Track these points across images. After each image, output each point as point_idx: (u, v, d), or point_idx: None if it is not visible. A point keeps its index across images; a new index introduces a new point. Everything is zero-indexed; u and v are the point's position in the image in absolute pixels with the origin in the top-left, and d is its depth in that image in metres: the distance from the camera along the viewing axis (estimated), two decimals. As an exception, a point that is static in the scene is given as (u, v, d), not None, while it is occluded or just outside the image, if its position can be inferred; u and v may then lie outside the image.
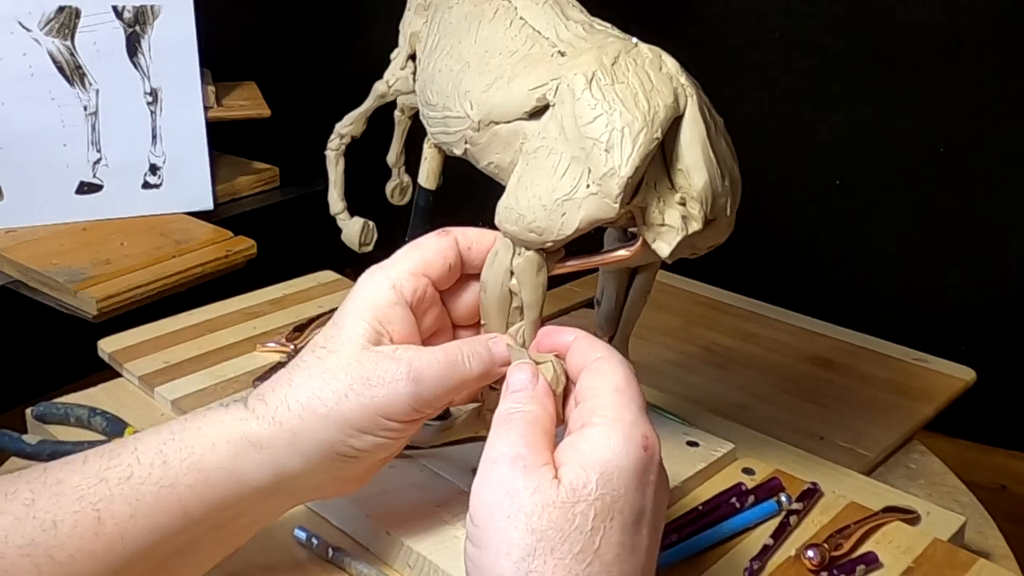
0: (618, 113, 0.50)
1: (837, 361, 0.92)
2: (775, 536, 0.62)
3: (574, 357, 0.52)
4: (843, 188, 1.29)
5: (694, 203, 0.52)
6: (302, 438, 0.52)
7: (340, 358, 0.52)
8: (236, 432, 0.52)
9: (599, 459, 0.45)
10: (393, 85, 0.80)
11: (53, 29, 1.18)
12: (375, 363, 0.52)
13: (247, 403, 0.53)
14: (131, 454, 0.51)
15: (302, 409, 0.51)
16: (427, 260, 0.56)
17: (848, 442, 0.79)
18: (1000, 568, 0.62)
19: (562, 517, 0.43)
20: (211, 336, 0.89)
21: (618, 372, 0.49)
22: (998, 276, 1.22)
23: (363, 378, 0.51)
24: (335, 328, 0.54)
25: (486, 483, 0.46)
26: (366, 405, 0.51)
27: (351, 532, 0.64)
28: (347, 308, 0.55)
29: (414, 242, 0.57)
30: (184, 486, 0.50)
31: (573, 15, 0.59)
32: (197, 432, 0.52)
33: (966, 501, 0.77)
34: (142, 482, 0.50)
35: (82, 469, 0.50)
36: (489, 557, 0.44)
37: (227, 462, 0.51)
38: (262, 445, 0.52)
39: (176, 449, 0.51)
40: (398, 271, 0.55)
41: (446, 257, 0.56)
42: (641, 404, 0.48)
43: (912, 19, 1.20)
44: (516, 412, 0.48)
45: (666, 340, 0.95)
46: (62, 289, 1.08)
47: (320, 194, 0.89)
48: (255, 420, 0.52)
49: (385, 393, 0.51)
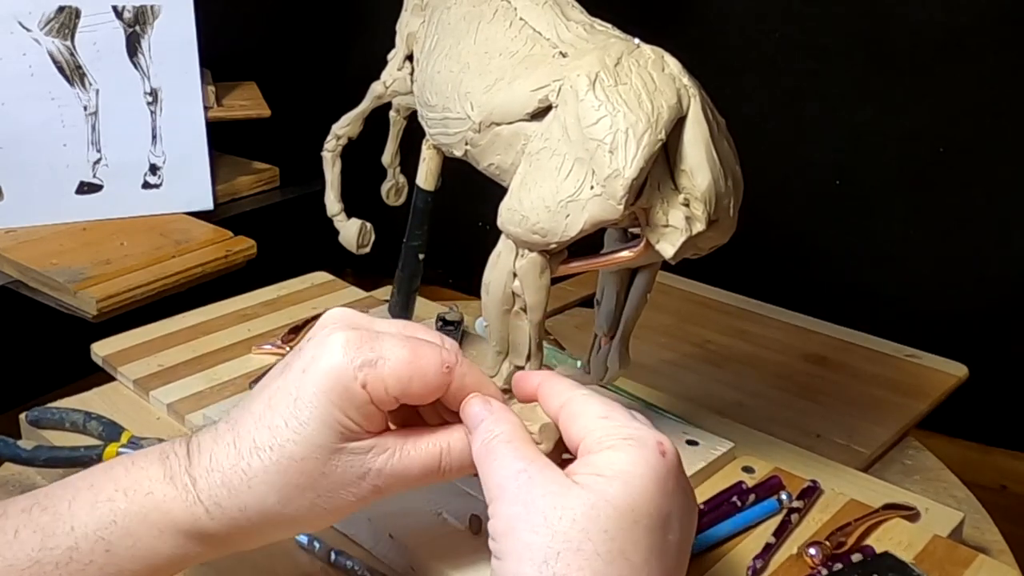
0: (622, 114, 0.50)
1: (831, 358, 0.93)
2: (777, 534, 0.62)
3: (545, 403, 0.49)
4: (843, 188, 1.29)
5: (698, 204, 0.52)
6: (259, 540, 0.51)
7: (305, 469, 0.47)
8: (188, 527, 0.49)
9: (617, 469, 0.44)
10: (390, 86, 0.80)
11: (53, 29, 1.18)
12: (341, 476, 0.48)
13: (198, 490, 0.48)
14: (68, 535, 0.48)
15: (263, 519, 0.49)
16: (410, 389, 0.48)
17: (844, 439, 0.80)
18: (1000, 563, 0.63)
19: (585, 516, 0.42)
20: (205, 339, 0.89)
21: (592, 403, 0.47)
22: (998, 276, 1.22)
23: (327, 490, 0.48)
24: (295, 423, 0.47)
25: (498, 503, 0.45)
26: (330, 511, 0.49)
27: (353, 535, 0.63)
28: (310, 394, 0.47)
29: (414, 352, 0.48)
30: (129, 572, 0.48)
31: (573, 16, 0.59)
32: (144, 520, 0.48)
33: (962, 497, 0.77)
34: (82, 569, 0.47)
35: (13, 546, 0.47)
36: (512, 566, 0.43)
37: (175, 551, 0.49)
38: (218, 543, 0.50)
39: (120, 536, 0.48)
40: (377, 376, 0.47)
41: (426, 397, 0.49)
42: (631, 417, 0.47)
43: (912, 19, 1.20)
44: (492, 439, 0.47)
45: (661, 339, 0.95)
46: (62, 289, 1.08)
47: (320, 194, 0.89)
48: (211, 522, 0.49)
49: (347, 503, 0.49)
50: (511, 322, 0.57)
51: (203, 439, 0.50)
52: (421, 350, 0.48)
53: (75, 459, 0.70)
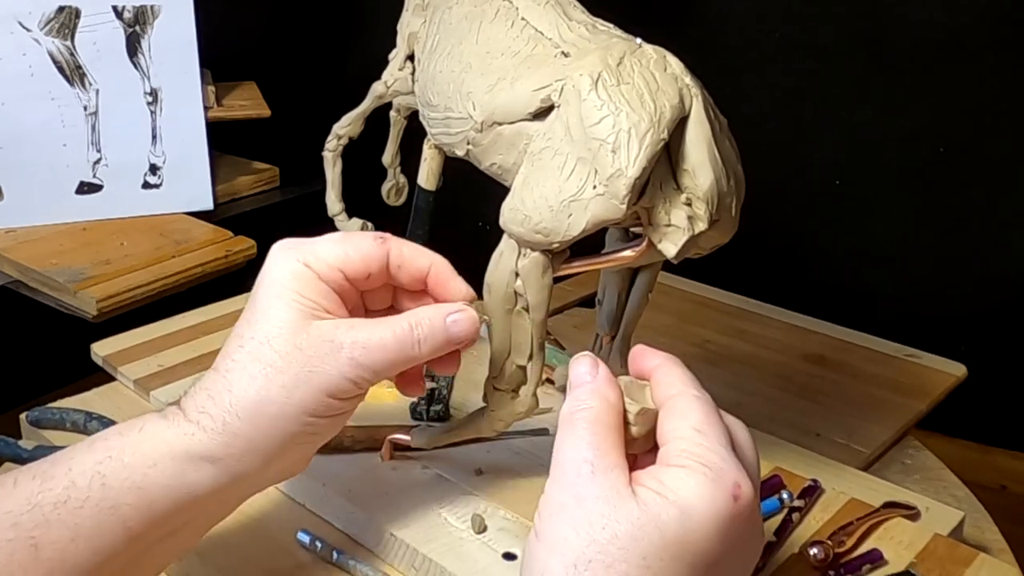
0: (624, 114, 0.50)
1: (830, 358, 0.93)
2: (778, 533, 0.63)
3: (655, 389, 0.48)
4: (843, 188, 1.29)
5: (700, 203, 0.52)
6: (258, 442, 0.50)
7: (276, 347, 0.50)
8: (181, 448, 0.50)
9: (680, 496, 0.42)
10: (392, 86, 0.80)
11: (53, 29, 1.18)
12: (315, 348, 0.50)
13: (187, 414, 0.50)
14: (65, 476, 0.48)
15: (252, 414, 0.49)
16: (348, 258, 0.52)
17: (844, 438, 0.80)
18: (1001, 562, 0.63)
19: (627, 535, 0.41)
20: (205, 339, 0.89)
21: (696, 409, 0.45)
22: (998, 276, 1.22)
23: (306, 364, 0.49)
24: (259, 314, 0.51)
25: (554, 483, 0.44)
26: (315, 390, 0.50)
27: (354, 535, 0.63)
28: (265, 290, 0.51)
29: (345, 235, 0.54)
30: (127, 506, 0.49)
31: (575, 16, 0.59)
32: (136, 450, 0.49)
33: (962, 496, 0.78)
34: (80, 506, 0.48)
35: (13, 493, 0.48)
36: (543, 551, 0.43)
37: (172, 479, 0.49)
38: (216, 458, 0.50)
39: (115, 469, 0.49)
40: (315, 255, 0.52)
41: (368, 265, 0.53)
42: (726, 443, 0.45)
43: (912, 19, 1.20)
44: (578, 411, 0.46)
45: (659, 338, 0.94)
46: (62, 289, 1.08)
47: (320, 194, 0.89)
48: (203, 434, 0.50)
49: (328, 379, 0.50)
50: (513, 321, 0.57)
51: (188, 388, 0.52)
52: (352, 234, 0.54)
53: (76, 459, 0.70)
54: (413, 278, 0.55)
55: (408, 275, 0.54)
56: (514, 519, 0.62)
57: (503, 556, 0.59)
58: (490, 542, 0.60)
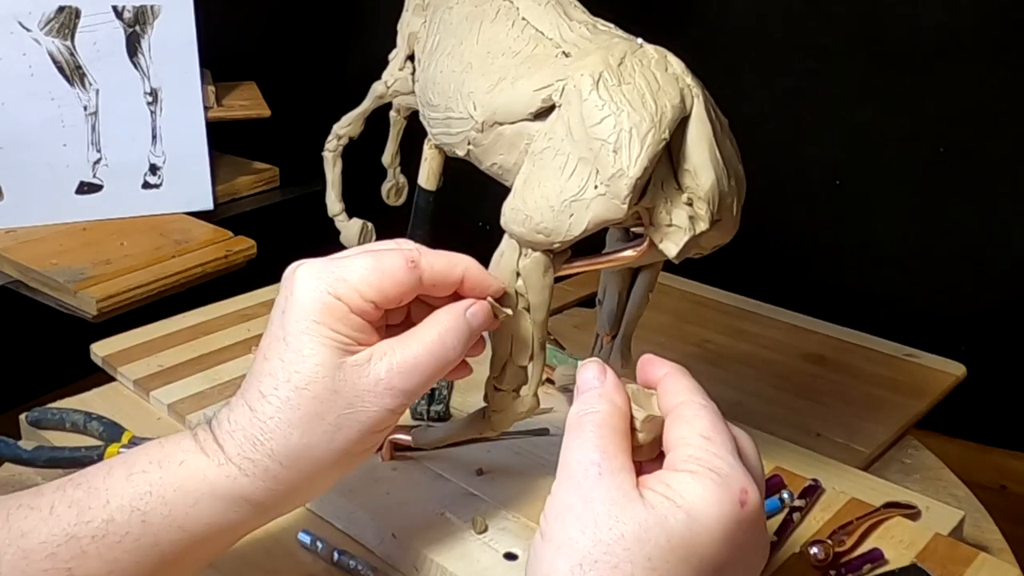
0: (626, 114, 0.50)
1: (829, 357, 0.93)
2: (779, 533, 0.63)
3: (662, 397, 0.49)
4: (843, 188, 1.29)
5: (701, 203, 0.52)
6: (301, 485, 0.50)
7: (314, 391, 0.49)
8: (224, 490, 0.49)
9: (687, 500, 0.42)
10: (392, 86, 0.80)
11: (53, 29, 1.18)
12: (352, 387, 0.49)
13: (226, 452, 0.49)
14: (103, 508, 0.48)
15: (295, 461, 0.49)
16: (383, 289, 0.50)
17: (844, 438, 0.80)
18: (1001, 561, 0.63)
19: (633, 536, 0.41)
20: (205, 339, 0.89)
21: (703, 417, 0.46)
22: (998, 276, 1.22)
23: (346, 406, 0.49)
24: (292, 353, 0.49)
25: (561, 485, 0.45)
26: (357, 430, 0.49)
27: (355, 535, 0.63)
28: (295, 324, 0.50)
29: (375, 259, 0.51)
30: (167, 543, 0.49)
31: (576, 16, 0.59)
32: (179, 487, 0.49)
33: (961, 495, 0.78)
34: (118, 540, 0.47)
35: (48, 521, 0.48)
36: (550, 551, 0.43)
37: (214, 518, 0.49)
38: (259, 502, 0.50)
39: (155, 506, 0.48)
40: (346, 285, 0.50)
41: (402, 294, 0.51)
42: (733, 450, 0.45)
43: (912, 19, 1.20)
44: (586, 415, 0.46)
45: (658, 338, 0.95)
46: (62, 289, 1.08)
47: (320, 194, 0.89)
48: (246, 479, 0.49)
49: (369, 415, 0.49)
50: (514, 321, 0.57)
51: (220, 414, 0.51)
52: (382, 255, 0.51)
53: (76, 460, 0.70)
54: (447, 292, 0.54)
55: (442, 291, 0.53)
56: (515, 519, 0.62)
57: (504, 556, 0.59)
58: (491, 542, 0.60)
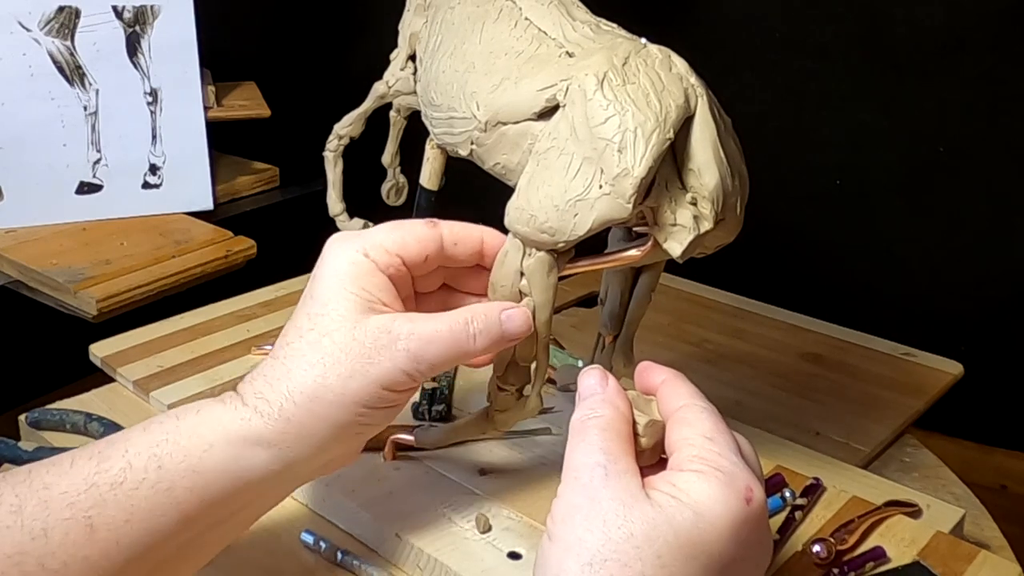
0: (630, 113, 0.50)
1: (827, 356, 0.93)
2: (782, 531, 0.63)
3: (662, 403, 0.50)
4: (843, 188, 1.29)
5: (705, 202, 0.52)
6: (312, 429, 0.51)
7: (335, 339, 0.51)
8: (237, 432, 0.50)
9: (694, 498, 0.43)
10: (393, 86, 0.80)
11: (53, 29, 1.18)
12: (372, 340, 0.51)
13: (244, 399, 0.52)
14: (122, 457, 0.49)
15: (309, 401, 0.50)
16: (405, 243, 0.54)
17: (843, 437, 0.81)
18: (1002, 559, 0.63)
19: (642, 534, 0.42)
20: (204, 339, 0.89)
21: (705, 419, 0.47)
22: (998, 276, 1.22)
23: (363, 356, 0.50)
24: (318, 306, 0.52)
25: (567, 487, 0.45)
26: (371, 381, 0.51)
27: (358, 535, 0.63)
28: (324, 281, 0.53)
29: (397, 222, 0.55)
30: (182, 489, 0.49)
31: (579, 15, 0.59)
32: (193, 432, 0.50)
33: (960, 493, 0.78)
34: (136, 487, 0.49)
35: (70, 473, 0.49)
36: (558, 552, 0.43)
37: (227, 463, 0.50)
38: (270, 443, 0.51)
39: (171, 452, 0.49)
40: (372, 243, 0.53)
41: (425, 247, 0.54)
42: (736, 450, 0.46)
43: (912, 19, 1.20)
44: (589, 419, 0.47)
45: (657, 338, 0.95)
46: (62, 289, 1.08)
47: (320, 194, 0.89)
48: (260, 419, 0.51)
49: (384, 371, 0.51)
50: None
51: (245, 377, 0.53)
52: (405, 224, 0.55)
53: (78, 460, 0.70)
54: (469, 252, 0.56)
55: (465, 250, 0.56)
56: (518, 518, 0.62)
57: (508, 555, 0.59)
58: (495, 541, 0.60)
